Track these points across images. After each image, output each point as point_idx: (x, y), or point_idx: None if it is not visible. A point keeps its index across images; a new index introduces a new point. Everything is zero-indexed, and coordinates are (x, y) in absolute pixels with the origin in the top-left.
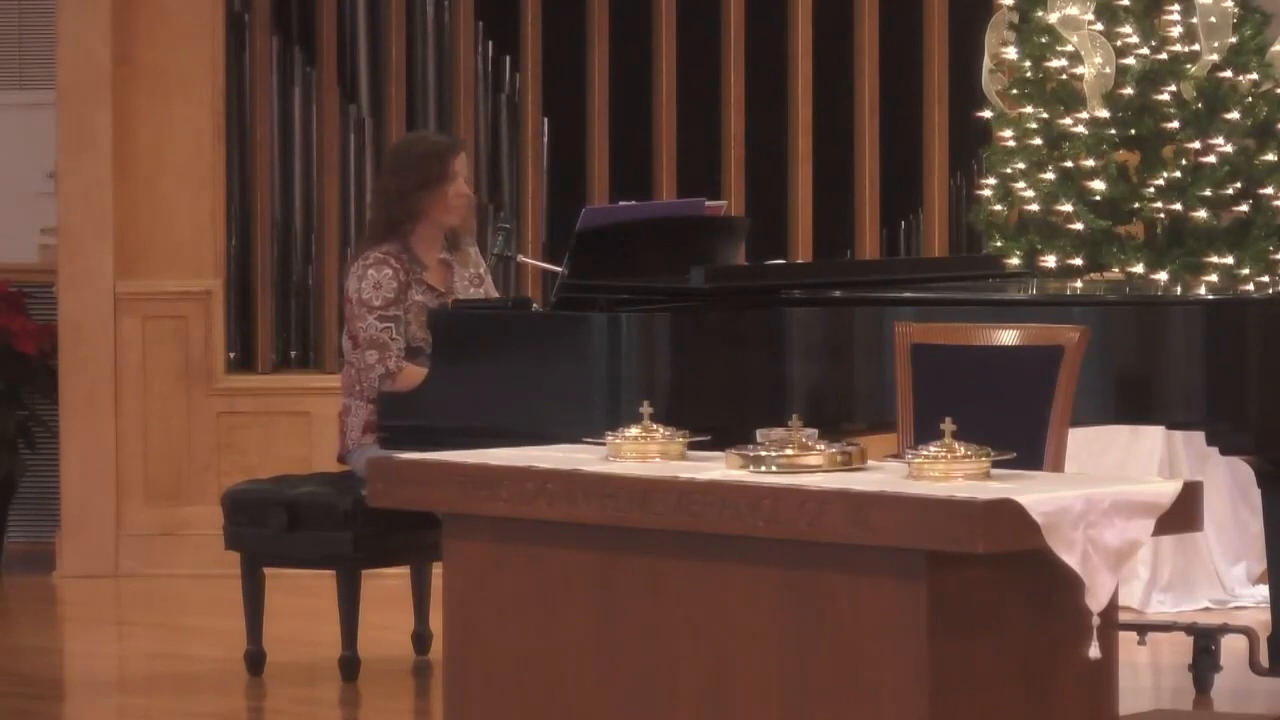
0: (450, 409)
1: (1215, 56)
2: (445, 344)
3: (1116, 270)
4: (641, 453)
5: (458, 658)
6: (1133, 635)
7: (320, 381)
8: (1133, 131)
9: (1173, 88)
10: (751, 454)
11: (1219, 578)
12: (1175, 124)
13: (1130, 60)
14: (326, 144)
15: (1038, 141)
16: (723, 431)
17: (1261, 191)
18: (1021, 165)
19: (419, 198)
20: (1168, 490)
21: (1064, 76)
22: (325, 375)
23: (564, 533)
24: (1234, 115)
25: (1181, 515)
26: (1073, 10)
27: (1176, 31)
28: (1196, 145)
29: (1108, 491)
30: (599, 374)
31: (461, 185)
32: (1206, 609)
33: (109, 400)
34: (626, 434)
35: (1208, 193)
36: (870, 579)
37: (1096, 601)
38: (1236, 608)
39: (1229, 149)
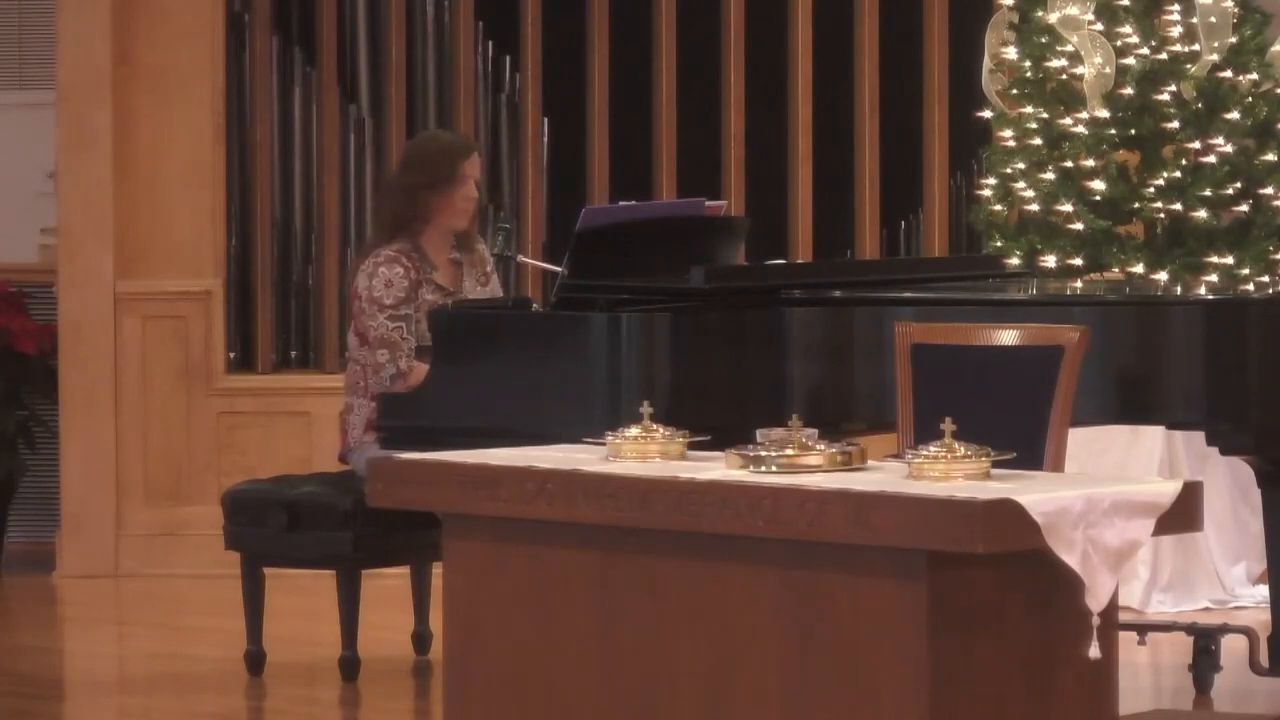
0: (450, 409)
1: (1215, 56)
2: (445, 344)
3: (1116, 270)
4: (641, 453)
5: (458, 658)
6: (1133, 635)
7: (320, 381)
8: (1133, 131)
9: (1173, 88)
10: (751, 454)
11: (1219, 578)
12: (1175, 124)
13: (1130, 60)
14: (326, 144)
15: (1038, 141)
16: (723, 431)
17: (1261, 191)
18: (1021, 165)
19: (425, 197)
20: (1168, 490)
21: (1064, 76)
22: (325, 375)
23: (564, 533)
24: (1234, 115)
25: (1181, 515)
26: (1073, 10)
27: (1176, 31)
28: (1196, 145)
29: (1108, 491)
30: (599, 374)
31: (471, 189)
32: (1206, 609)
33: (109, 400)
34: (626, 434)
35: (1208, 193)
36: (870, 579)
37: (1096, 601)
38: (1236, 608)
39: (1229, 149)
